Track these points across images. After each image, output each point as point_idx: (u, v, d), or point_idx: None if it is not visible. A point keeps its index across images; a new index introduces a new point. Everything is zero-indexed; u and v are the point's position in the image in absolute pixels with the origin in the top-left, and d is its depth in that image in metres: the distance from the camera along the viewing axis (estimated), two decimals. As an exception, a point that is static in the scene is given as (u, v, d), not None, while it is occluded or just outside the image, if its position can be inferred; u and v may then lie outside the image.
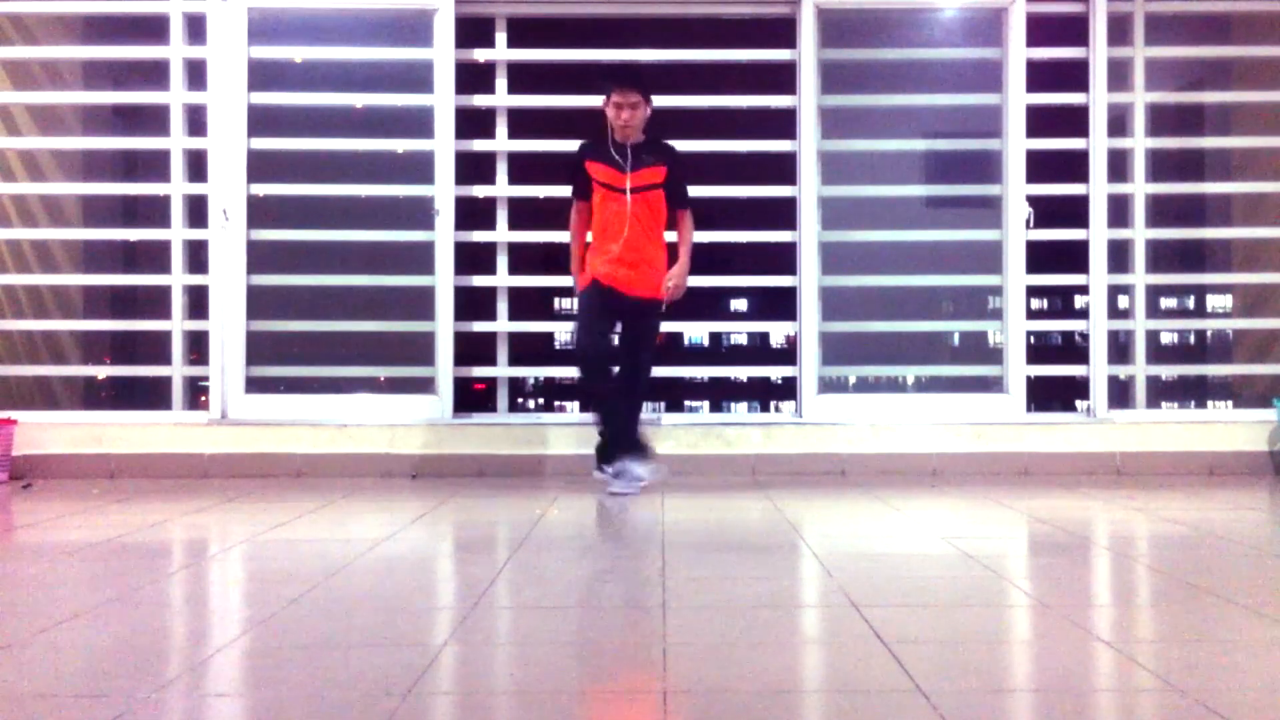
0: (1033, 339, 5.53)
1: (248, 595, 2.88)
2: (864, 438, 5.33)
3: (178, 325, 5.43)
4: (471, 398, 5.89)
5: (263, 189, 5.51)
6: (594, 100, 5.67)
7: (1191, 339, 7.24)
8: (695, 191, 5.72)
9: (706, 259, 5.22)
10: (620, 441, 4.67)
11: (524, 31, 5.68)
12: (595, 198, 4.70)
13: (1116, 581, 3.03)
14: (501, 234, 5.65)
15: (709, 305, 6.26)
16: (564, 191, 5.52)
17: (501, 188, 5.65)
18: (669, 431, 5.30)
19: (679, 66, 5.82)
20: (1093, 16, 5.46)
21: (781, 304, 5.69)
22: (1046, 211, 5.50)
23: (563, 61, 5.77)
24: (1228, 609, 2.53)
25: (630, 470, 4.62)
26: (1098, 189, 5.47)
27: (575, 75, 5.78)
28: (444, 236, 5.41)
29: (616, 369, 4.75)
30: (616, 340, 4.82)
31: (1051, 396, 6.34)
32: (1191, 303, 6.77)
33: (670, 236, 4.81)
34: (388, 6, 5.51)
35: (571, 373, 5.02)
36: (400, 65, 5.59)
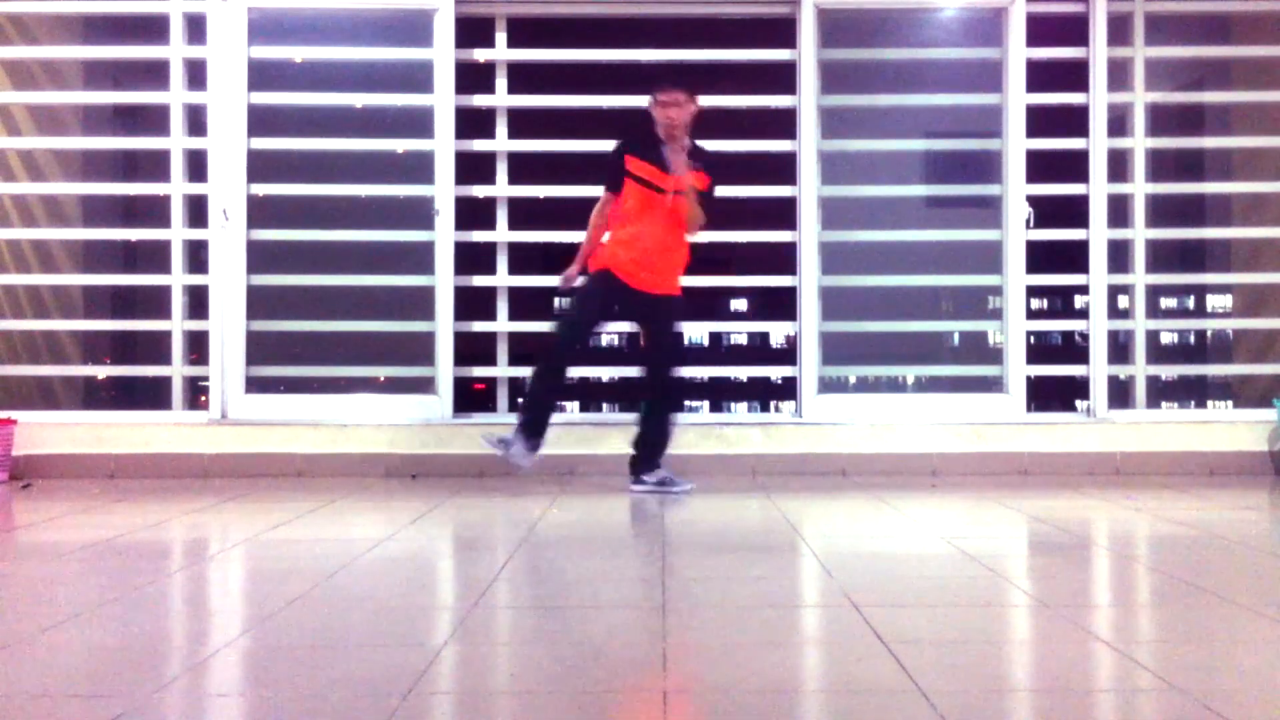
0: (1033, 339, 5.52)
1: (248, 595, 2.88)
2: (864, 438, 5.33)
3: (178, 325, 5.43)
4: (471, 398, 5.89)
5: (263, 189, 5.50)
6: (594, 100, 5.70)
7: (1191, 339, 7.24)
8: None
9: (706, 259, 5.22)
10: (659, 448, 4.74)
11: (524, 31, 5.68)
12: (630, 194, 4.66)
13: (1116, 581, 3.03)
14: (501, 234, 5.65)
15: (709, 305, 6.26)
16: (564, 191, 5.55)
17: (501, 188, 5.65)
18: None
19: (679, 66, 5.81)
20: (1093, 16, 5.46)
21: (781, 304, 5.69)
22: (1046, 211, 5.50)
23: (563, 61, 5.77)
24: (1228, 609, 2.53)
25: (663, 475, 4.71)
26: (1098, 189, 5.46)
27: (575, 75, 5.78)
28: (444, 236, 5.41)
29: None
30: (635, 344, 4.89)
31: (1051, 396, 6.33)
32: (1191, 303, 6.77)
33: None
34: (388, 6, 5.51)
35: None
36: (400, 65, 5.58)
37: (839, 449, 5.31)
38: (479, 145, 5.63)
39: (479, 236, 5.61)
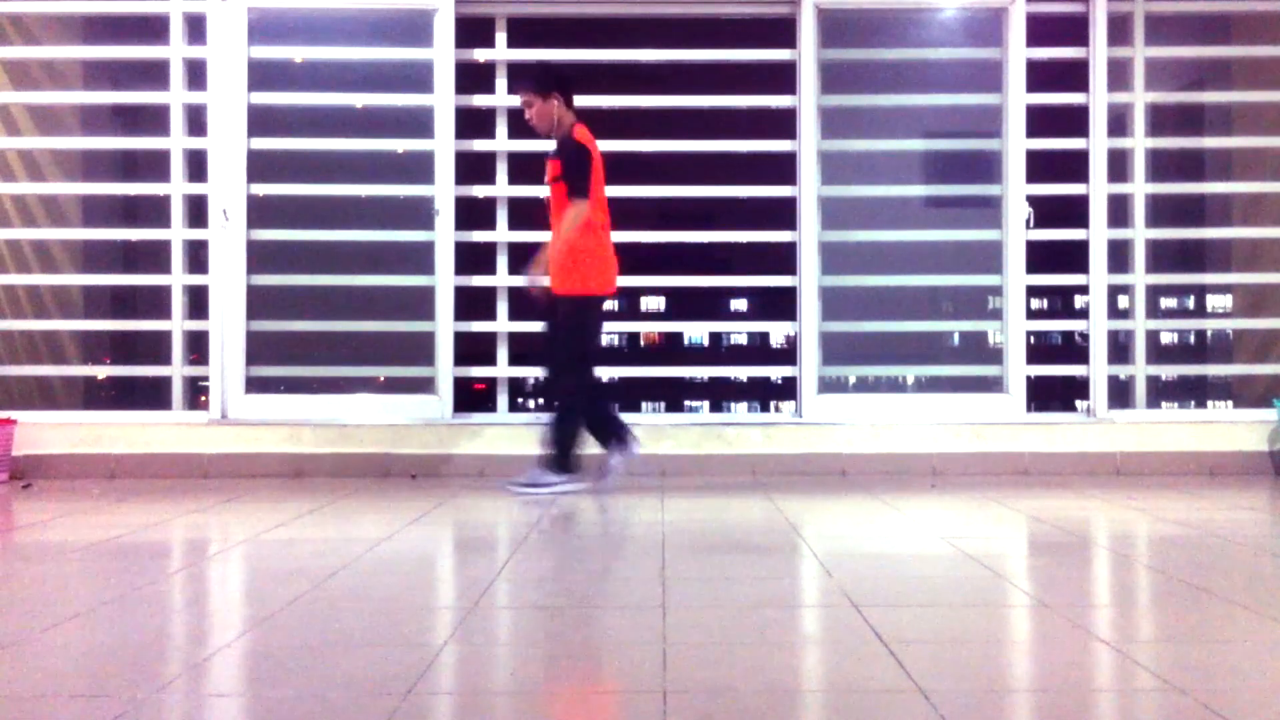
0: (1033, 339, 5.53)
1: (248, 595, 2.88)
2: (864, 438, 5.33)
3: (178, 325, 5.43)
4: (471, 398, 5.89)
5: (263, 189, 5.51)
6: (594, 100, 5.70)
7: (1191, 339, 7.24)
8: (696, 192, 5.76)
9: (706, 259, 5.23)
10: (556, 453, 4.63)
11: (524, 31, 5.68)
12: None
13: (1116, 581, 3.03)
14: (501, 234, 5.65)
15: (709, 305, 6.27)
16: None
17: (501, 188, 5.65)
18: (669, 431, 5.30)
19: (679, 66, 5.81)
20: (1093, 16, 5.46)
21: (781, 304, 5.68)
22: (1046, 211, 5.50)
23: (562, 61, 5.76)
24: (1228, 609, 2.53)
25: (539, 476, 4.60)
26: (1098, 189, 5.46)
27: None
28: (444, 236, 5.41)
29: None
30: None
31: (1051, 396, 6.33)
32: (1191, 303, 6.77)
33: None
34: (388, 6, 5.51)
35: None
36: (400, 65, 5.59)
37: (839, 449, 5.31)
38: (479, 145, 5.63)
39: (479, 236, 5.61)
